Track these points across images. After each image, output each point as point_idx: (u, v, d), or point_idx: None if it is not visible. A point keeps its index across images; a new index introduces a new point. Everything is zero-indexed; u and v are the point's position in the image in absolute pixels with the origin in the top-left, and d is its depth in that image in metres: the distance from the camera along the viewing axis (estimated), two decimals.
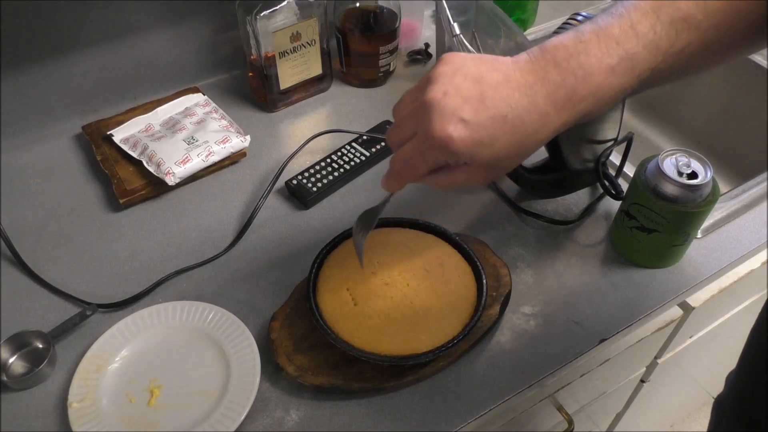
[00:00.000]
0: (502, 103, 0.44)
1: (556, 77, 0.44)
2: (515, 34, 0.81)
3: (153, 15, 0.83)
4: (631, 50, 0.44)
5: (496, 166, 0.47)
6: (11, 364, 0.62)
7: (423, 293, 0.62)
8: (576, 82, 0.44)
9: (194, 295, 0.67)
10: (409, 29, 0.98)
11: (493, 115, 0.44)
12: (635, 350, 0.79)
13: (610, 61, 0.44)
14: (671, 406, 1.35)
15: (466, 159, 0.46)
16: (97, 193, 0.78)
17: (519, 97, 0.44)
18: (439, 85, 0.45)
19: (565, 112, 0.45)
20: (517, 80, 0.45)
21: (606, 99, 0.45)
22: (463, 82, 0.45)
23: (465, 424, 0.58)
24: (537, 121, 0.45)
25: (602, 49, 0.44)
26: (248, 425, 0.57)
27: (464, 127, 0.44)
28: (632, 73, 0.45)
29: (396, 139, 0.48)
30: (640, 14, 0.44)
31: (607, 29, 0.44)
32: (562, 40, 0.45)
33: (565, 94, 0.44)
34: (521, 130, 0.45)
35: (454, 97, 0.44)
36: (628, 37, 0.44)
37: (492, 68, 0.45)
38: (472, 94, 0.44)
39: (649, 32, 0.44)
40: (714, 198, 0.63)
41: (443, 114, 0.44)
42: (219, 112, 0.85)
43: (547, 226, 0.74)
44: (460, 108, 0.44)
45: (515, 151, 0.46)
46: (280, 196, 0.78)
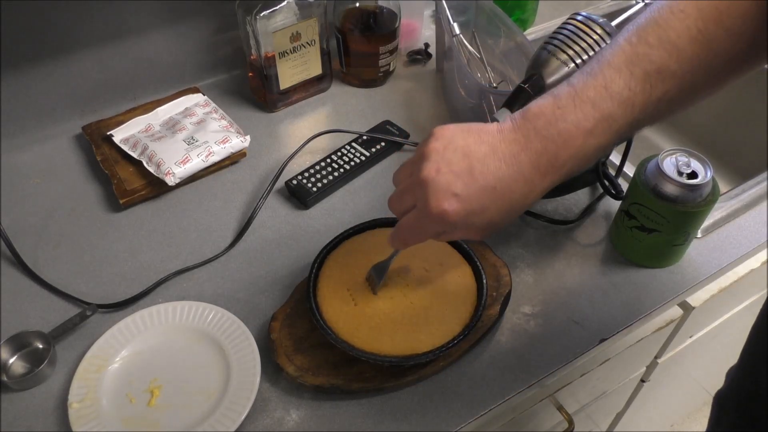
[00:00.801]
0: (490, 175, 0.47)
1: (538, 146, 0.47)
2: (515, 34, 0.81)
3: (153, 15, 0.83)
4: (606, 111, 0.45)
5: (489, 228, 0.50)
6: (11, 364, 0.62)
7: (423, 293, 0.62)
8: (557, 149, 0.46)
9: (194, 295, 0.67)
10: (408, 29, 0.98)
11: (483, 186, 0.47)
12: (635, 350, 0.79)
13: (587, 125, 0.46)
14: (671, 405, 1.35)
15: (462, 227, 0.49)
16: (97, 193, 0.78)
17: (506, 168, 0.47)
18: (432, 163, 0.48)
19: (549, 177, 0.48)
20: (502, 151, 0.47)
21: (587, 158, 0.47)
22: (453, 157, 0.48)
23: (465, 424, 0.58)
24: (524, 187, 0.48)
25: (578, 114, 0.46)
26: (248, 425, 0.57)
27: (457, 200, 0.47)
28: (610, 131, 0.46)
29: (398, 208, 0.53)
30: (613, 72, 0.45)
31: (582, 92, 0.46)
32: (541, 107, 0.47)
33: (547, 160, 0.47)
34: (509, 198, 0.48)
35: (446, 173, 0.48)
36: (603, 98, 0.45)
37: (479, 141, 0.48)
38: (462, 169, 0.47)
39: (623, 90, 0.45)
40: (714, 198, 0.63)
41: (438, 191, 0.48)
42: (219, 112, 0.85)
43: (547, 226, 0.74)
44: (452, 183, 0.47)
45: (506, 215, 0.49)
46: (280, 196, 0.78)
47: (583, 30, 0.62)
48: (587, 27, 0.62)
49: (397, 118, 0.88)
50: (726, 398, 0.64)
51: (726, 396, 0.64)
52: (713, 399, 0.66)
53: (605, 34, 0.62)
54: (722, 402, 0.64)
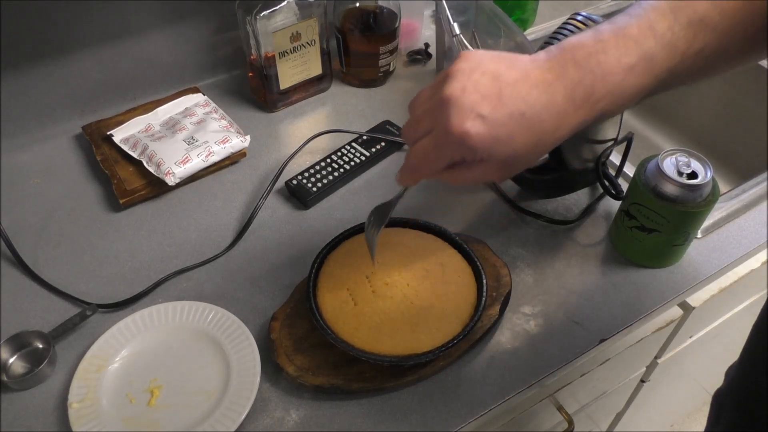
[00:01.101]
0: (520, 101, 0.44)
1: (575, 75, 0.44)
2: (515, 33, 0.81)
3: (153, 15, 0.83)
4: (649, 50, 0.44)
5: (513, 163, 0.47)
6: (11, 364, 0.62)
7: (423, 293, 0.62)
8: (594, 81, 0.44)
9: (194, 295, 0.67)
10: (409, 29, 0.98)
11: (511, 112, 0.44)
12: (635, 350, 0.79)
13: (629, 61, 0.44)
14: (671, 405, 1.35)
15: (483, 155, 0.46)
16: (97, 193, 0.78)
17: (537, 95, 0.44)
18: (458, 82, 0.45)
19: (583, 111, 0.45)
20: (535, 77, 0.45)
21: (624, 98, 0.46)
22: (481, 79, 0.45)
23: (465, 424, 0.58)
24: (555, 119, 0.45)
25: (621, 48, 0.44)
26: (248, 425, 0.57)
27: (482, 123, 0.44)
28: (650, 73, 0.45)
29: (412, 134, 0.48)
30: (658, 15, 0.45)
31: (626, 29, 0.45)
32: (580, 39, 0.45)
33: (583, 92, 0.44)
34: (539, 128, 0.45)
35: (473, 93, 0.44)
36: (647, 37, 0.44)
37: (510, 66, 0.46)
38: (490, 91, 0.44)
39: (666, 32, 0.44)
40: (714, 198, 0.63)
41: (461, 109, 0.44)
42: (219, 112, 0.85)
43: (547, 226, 0.74)
44: (478, 104, 0.44)
45: (532, 149, 0.46)
46: (280, 196, 0.78)
47: (583, 30, 0.62)
48: (587, 27, 0.62)
49: (397, 118, 0.88)
50: (725, 397, 0.64)
51: (725, 395, 0.64)
52: (712, 398, 0.66)
53: None
54: (721, 401, 0.64)
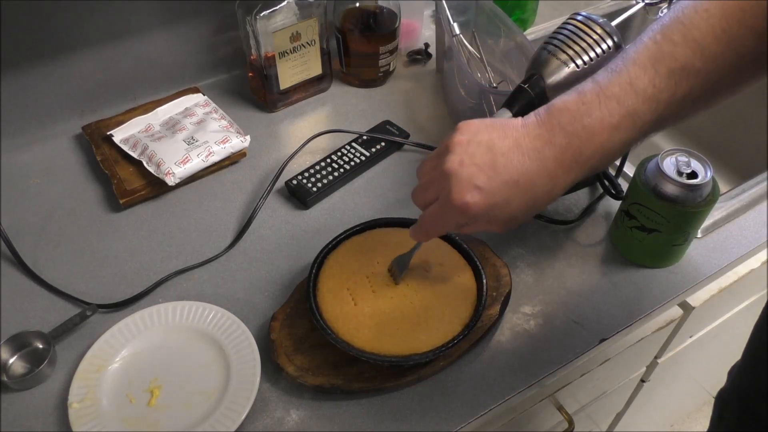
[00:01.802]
0: (513, 170, 0.48)
1: (562, 141, 0.47)
2: (515, 33, 0.81)
3: (153, 15, 0.83)
4: (631, 107, 0.46)
5: (512, 222, 0.51)
6: (11, 364, 0.62)
7: (423, 293, 0.62)
8: (581, 144, 0.47)
9: (194, 295, 0.67)
10: (408, 29, 0.98)
11: (506, 180, 0.48)
12: (635, 350, 0.79)
13: (612, 120, 0.46)
14: (671, 405, 1.35)
15: (484, 220, 0.50)
16: (97, 193, 0.78)
17: (529, 163, 0.47)
18: (456, 155, 0.49)
19: (573, 172, 0.48)
20: (526, 146, 0.48)
21: (611, 154, 0.48)
22: (476, 150, 0.48)
23: (465, 424, 0.58)
24: (547, 182, 0.48)
25: (603, 109, 0.46)
26: (248, 425, 0.57)
27: (479, 193, 0.48)
28: (635, 127, 0.46)
29: (421, 201, 0.54)
30: (638, 69, 0.46)
31: (607, 89, 0.46)
32: (566, 103, 0.47)
33: (572, 155, 0.47)
34: (533, 192, 0.48)
35: (469, 166, 0.48)
36: (628, 94, 0.46)
37: (503, 135, 0.49)
38: (485, 162, 0.48)
39: (648, 87, 0.45)
40: (714, 198, 0.63)
41: (460, 183, 0.48)
42: (219, 112, 0.85)
43: (547, 226, 0.74)
44: (475, 176, 0.48)
45: (529, 209, 0.50)
46: (280, 196, 0.78)
47: (583, 30, 0.62)
48: (587, 27, 0.62)
49: (397, 118, 0.88)
50: (728, 396, 0.64)
51: (728, 394, 0.64)
52: (715, 397, 0.66)
53: (605, 34, 0.62)
54: (724, 400, 0.64)
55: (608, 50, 0.61)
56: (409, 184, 0.79)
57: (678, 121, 0.48)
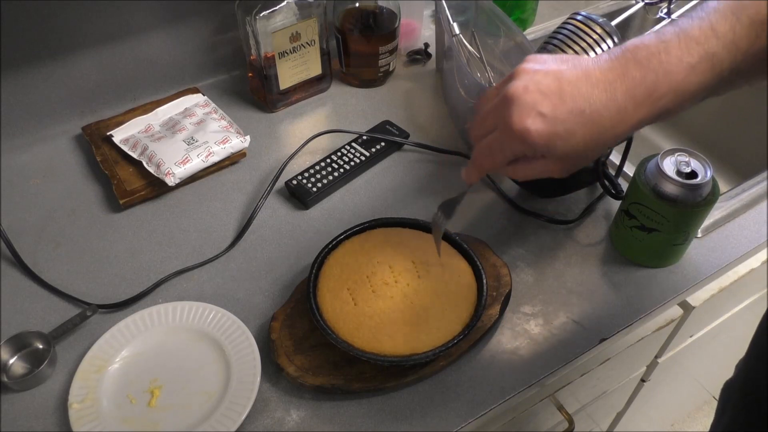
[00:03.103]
0: (580, 98, 0.46)
1: (636, 74, 0.46)
2: (515, 33, 0.81)
3: (153, 15, 0.83)
4: (711, 49, 0.45)
5: (573, 158, 0.49)
6: (11, 364, 0.62)
7: (423, 293, 0.62)
8: (656, 79, 0.46)
9: (194, 295, 0.67)
10: (408, 29, 0.98)
11: (571, 109, 0.46)
12: (635, 349, 0.79)
13: (691, 60, 0.45)
14: (672, 405, 1.35)
15: (544, 151, 0.48)
16: (97, 193, 0.78)
17: (598, 93, 0.46)
18: (520, 81, 0.47)
19: (644, 109, 0.46)
20: (596, 77, 0.47)
21: (686, 96, 0.47)
22: (543, 79, 0.47)
23: (465, 424, 0.58)
24: (615, 116, 0.46)
25: (683, 48, 0.45)
26: (248, 425, 0.57)
27: (542, 120, 0.46)
28: (712, 72, 0.46)
29: (478, 131, 0.51)
30: (719, 16, 0.46)
31: (688, 30, 0.46)
32: (642, 40, 0.47)
33: (645, 90, 0.46)
34: (598, 125, 0.47)
35: (534, 92, 0.47)
36: (708, 37, 0.45)
37: (573, 66, 0.48)
38: (551, 89, 0.47)
39: (728, 32, 0.45)
40: (714, 197, 0.63)
41: (522, 107, 0.46)
42: (219, 112, 0.86)
43: (547, 226, 0.74)
44: (538, 102, 0.46)
45: (592, 145, 0.48)
46: (280, 196, 0.78)
47: (583, 30, 0.62)
48: (587, 27, 0.62)
49: (397, 118, 0.88)
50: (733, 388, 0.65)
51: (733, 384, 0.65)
52: (722, 388, 0.66)
53: (605, 33, 0.62)
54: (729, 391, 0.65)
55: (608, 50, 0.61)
56: (409, 184, 0.80)
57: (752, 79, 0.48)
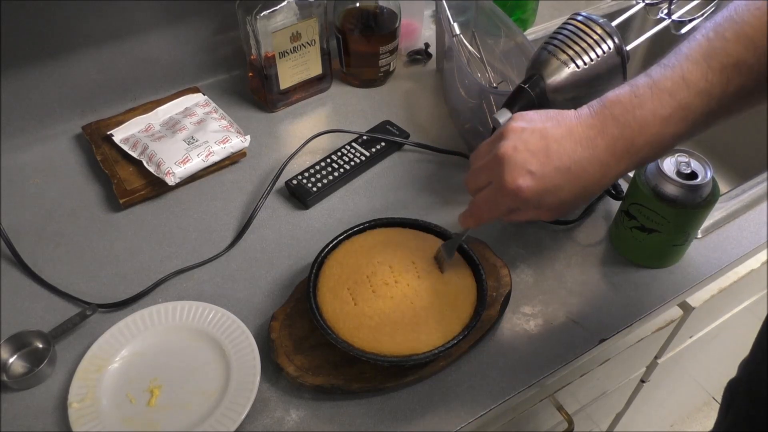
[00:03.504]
0: (565, 156, 0.49)
1: (614, 131, 0.48)
2: (515, 34, 0.81)
3: (153, 15, 0.83)
4: (683, 100, 0.47)
5: (562, 208, 0.52)
6: (11, 364, 0.62)
7: (423, 293, 0.62)
8: (633, 135, 0.48)
9: (194, 295, 0.67)
10: (409, 29, 0.98)
11: (558, 166, 0.49)
12: (635, 350, 0.79)
13: (663, 113, 0.47)
14: (671, 405, 1.35)
15: (535, 205, 0.51)
16: (97, 193, 0.78)
17: (581, 151, 0.49)
18: (510, 141, 0.50)
19: (624, 162, 0.49)
20: (579, 134, 0.49)
21: (663, 146, 0.49)
22: (530, 137, 0.50)
23: (465, 424, 0.58)
24: (598, 171, 0.49)
25: (656, 101, 0.47)
26: (248, 425, 0.57)
27: (532, 178, 0.49)
28: (686, 121, 0.47)
29: (473, 185, 0.55)
30: (691, 64, 0.47)
31: (660, 82, 0.47)
32: (618, 96, 0.49)
33: (623, 145, 0.48)
34: (584, 179, 0.49)
35: (523, 151, 0.49)
36: (680, 88, 0.47)
37: (557, 124, 0.50)
38: (538, 148, 0.49)
39: (700, 81, 0.46)
40: (714, 198, 0.63)
41: (514, 167, 0.50)
42: (219, 112, 0.86)
43: (547, 226, 0.74)
44: (528, 161, 0.49)
45: (579, 196, 0.51)
46: (280, 196, 0.78)
47: (584, 30, 0.62)
48: (587, 27, 0.62)
49: (397, 118, 0.88)
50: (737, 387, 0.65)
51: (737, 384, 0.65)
52: (725, 388, 0.67)
53: (605, 34, 0.62)
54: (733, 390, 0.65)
55: (608, 51, 0.61)
56: (410, 184, 0.80)
57: (729, 116, 0.49)
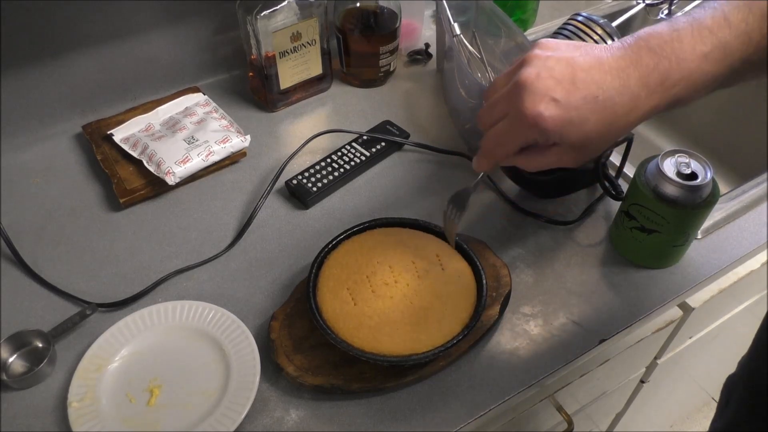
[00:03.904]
0: (593, 85, 0.46)
1: (650, 61, 0.46)
2: (515, 34, 0.81)
3: (153, 15, 0.83)
4: (723, 39, 0.45)
5: (585, 147, 0.48)
6: (11, 363, 0.62)
7: (423, 293, 0.62)
8: (669, 67, 0.46)
9: (194, 294, 0.67)
10: (409, 29, 0.98)
11: (585, 95, 0.46)
12: (635, 350, 0.79)
13: (703, 48, 0.45)
14: (671, 406, 1.35)
15: (556, 138, 0.47)
16: (97, 192, 0.78)
17: (611, 80, 0.46)
18: (533, 67, 0.47)
19: (657, 96, 0.46)
20: (609, 64, 0.46)
21: (698, 85, 0.47)
22: (556, 65, 0.46)
23: (465, 424, 0.58)
24: (628, 102, 0.46)
25: (696, 37, 0.46)
26: (248, 425, 0.57)
27: (555, 106, 0.46)
28: (725, 62, 0.46)
29: (488, 120, 0.50)
30: (732, 7, 0.46)
31: (701, 20, 0.46)
32: (655, 29, 0.47)
33: (658, 77, 0.46)
34: (612, 111, 0.46)
35: (547, 78, 0.46)
36: (721, 27, 0.46)
37: (585, 53, 0.47)
38: (564, 76, 0.46)
39: (741, 23, 0.45)
40: (714, 198, 0.63)
41: (535, 93, 0.46)
42: (219, 111, 0.86)
43: (547, 226, 0.74)
44: (552, 88, 0.46)
45: (605, 132, 0.47)
46: (280, 196, 0.78)
47: (584, 30, 0.62)
48: (588, 27, 0.62)
49: (397, 118, 0.88)
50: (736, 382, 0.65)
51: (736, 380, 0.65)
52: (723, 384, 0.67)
53: (605, 34, 0.62)
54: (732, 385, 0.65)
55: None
56: (410, 184, 0.80)
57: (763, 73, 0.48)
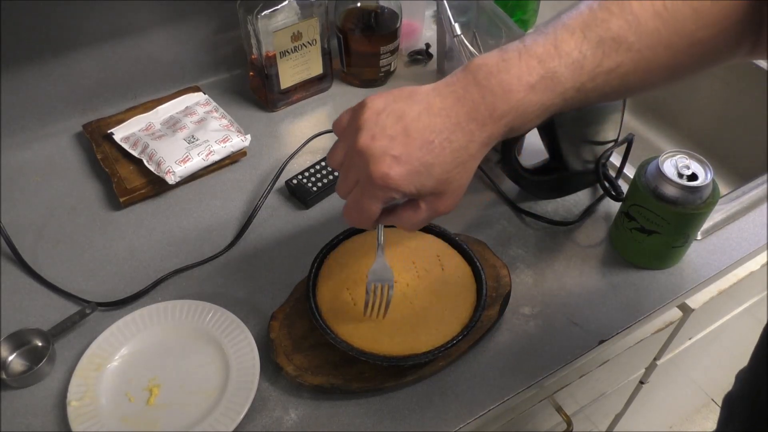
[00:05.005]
0: (426, 131, 0.46)
1: (476, 96, 0.45)
2: (516, 34, 0.81)
3: (153, 14, 0.83)
4: (552, 68, 0.44)
5: (448, 189, 0.48)
6: (10, 362, 0.62)
7: (423, 293, 0.62)
8: (495, 100, 0.45)
9: (194, 294, 0.67)
10: (409, 29, 0.98)
11: (420, 144, 0.46)
12: (634, 351, 0.79)
13: (530, 79, 0.45)
14: (670, 407, 1.35)
15: (413, 192, 0.47)
16: (97, 191, 0.78)
17: (441, 121, 0.46)
18: (366, 131, 0.47)
19: (489, 128, 0.46)
20: (437, 105, 0.46)
21: (528, 115, 0.46)
22: (386, 121, 0.46)
23: (464, 424, 0.58)
24: (461, 137, 0.46)
25: (522, 67, 0.45)
26: (247, 425, 0.57)
27: (397, 163, 0.46)
28: (554, 91, 0.45)
29: (343, 189, 0.51)
30: (566, 33, 0.45)
31: (531, 48, 0.45)
32: (485, 59, 0.46)
33: (485, 110, 0.45)
34: (451, 150, 0.46)
35: (381, 138, 0.46)
36: (551, 55, 0.45)
37: (412, 102, 0.47)
38: (397, 131, 0.46)
39: (573, 51, 0.44)
40: (714, 200, 0.63)
41: (375, 156, 0.46)
42: (219, 111, 0.86)
43: (547, 227, 0.75)
44: (389, 147, 0.46)
45: (457, 171, 0.47)
46: (280, 196, 0.78)
47: None
48: None
49: None
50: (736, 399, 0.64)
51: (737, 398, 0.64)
52: (723, 400, 0.66)
53: None
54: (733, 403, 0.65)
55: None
56: None
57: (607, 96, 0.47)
